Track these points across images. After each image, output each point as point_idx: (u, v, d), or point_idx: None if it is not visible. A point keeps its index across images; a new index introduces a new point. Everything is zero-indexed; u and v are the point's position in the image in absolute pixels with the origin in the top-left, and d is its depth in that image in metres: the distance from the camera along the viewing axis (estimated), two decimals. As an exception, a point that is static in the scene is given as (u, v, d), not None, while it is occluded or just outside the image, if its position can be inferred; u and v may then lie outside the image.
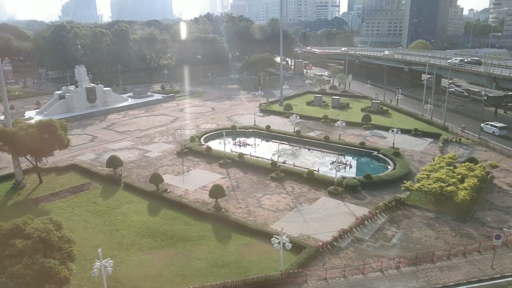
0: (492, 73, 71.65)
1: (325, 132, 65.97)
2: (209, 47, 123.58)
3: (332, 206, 40.07)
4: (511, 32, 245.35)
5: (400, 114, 78.49)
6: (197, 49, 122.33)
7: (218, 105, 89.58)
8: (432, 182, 40.44)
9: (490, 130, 64.20)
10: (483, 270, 29.89)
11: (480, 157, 53.60)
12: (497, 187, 44.55)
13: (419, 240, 33.93)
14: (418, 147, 57.92)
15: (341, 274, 29.41)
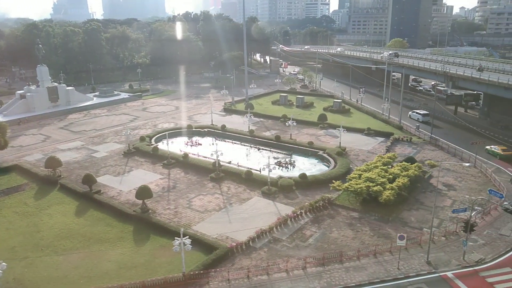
0: (448, 72, 71.82)
1: (281, 132, 66.02)
2: (184, 46, 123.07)
3: (261, 206, 40.08)
4: (494, 30, 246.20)
5: (360, 113, 78.65)
6: (172, 48, 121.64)
7: (184, 104, 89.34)
8: (362, 182, 40.60)
9: (415, 117, 71.24)
10: (389, 271, 30.02)
11: (425, 156, 53.95)
12: (432, 186, 44.71)
13: (335, 240, 34.00)
14: (366, 147, 58.05)
15: (245, 275, 29.40)
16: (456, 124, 69.77)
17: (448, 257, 31.61)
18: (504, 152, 52.70)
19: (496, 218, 37.40)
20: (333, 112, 79.11)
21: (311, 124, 69.57)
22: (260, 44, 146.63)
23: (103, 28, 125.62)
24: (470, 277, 29.34)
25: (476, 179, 46.42)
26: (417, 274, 29.63)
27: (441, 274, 29.64)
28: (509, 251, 32.38)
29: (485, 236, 34.52)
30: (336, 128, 66.94)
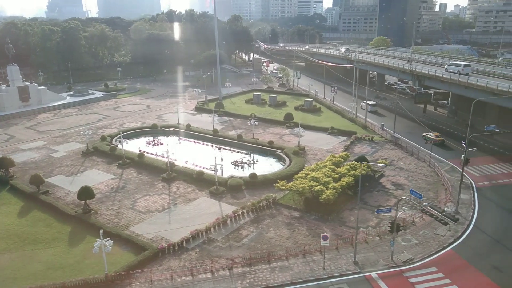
0: (414, 71, 71.88)
1: (247, 131, 66.06)
2: (165, 44, 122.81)
3: (205, 207, 40.11)
4: (483, 28, 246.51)
5: (331, 112, 78.71)
6: (152, 47, 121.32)
7: (157, 103, 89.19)
8: (307, 182, 40.66)
9: (364, 107, 74.09)
10: (314, 271, 30.11)
11: (382, 155, 54.12)
12: (381, 185, 44.87)
13: (269, 240, 34.08)
14: (326, 146, 58.13)
15: (169, 276, 29.43)
16: (424, 122, 69.90)
17: (377, 257, 31.73)
18: (437, 138, 57.81)
19: (436, 217, 37.51)
20: (304, 111, 79.20)
21: (278, 123, 69.63)
22: (243, 43, 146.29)
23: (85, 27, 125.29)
24: (394, 277, 29.46)
25: (427, 178, 46.60)
26: (341, 274, 29.74)
27: (365, 274, 29.76)
28: (440, 251, 32.52)
29: (420, 236, 34.67)
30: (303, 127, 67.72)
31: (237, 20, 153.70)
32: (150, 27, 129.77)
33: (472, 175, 47.68)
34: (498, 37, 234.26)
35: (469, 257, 31.62)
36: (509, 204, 40.22)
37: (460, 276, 29.42)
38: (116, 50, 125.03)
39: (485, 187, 44.37)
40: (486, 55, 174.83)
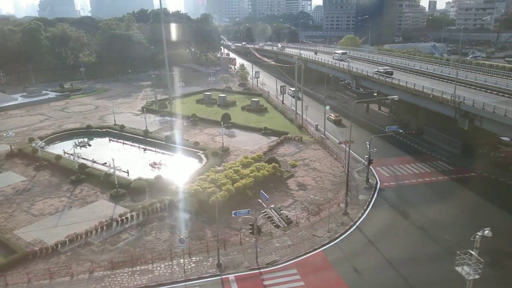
0: (351, 71, 72.02)
1: (184, 131, 66.32)
2: (130, 44, 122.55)
3: (99, 210, 40.19)
4: (463, 26, 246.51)
5: (276, 112, 78.74)
6: (118, 47, 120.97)
7: (107, 103, 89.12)
8: (207, 183, 40.84)
9: (289, 93, 78.87)
10: (174, 274, 30.30)
11: (302, 156, 54.38)
12: (285, 186, 45.05)
13: (145, 244, 34.23)
14: (253, 146, 58.21)
15: (27, 280, 29.54)
16: (361, 121, 70.32)
17: (244, 259, 31.94)
18: (335, 118, 68.36)
19: (323, 218, 37.77)
20: (249, 111, 79.37)
21: (216, 124, 69.56)
22: (211, 42, 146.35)
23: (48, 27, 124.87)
24: (249, 279, 29.68)
25: (335, 179, 46.78)
26: (199, 277, 29.93)
27: (223, 277, 29.95)
28: (309, 252, 32.71)
29: (297, 237, 34.82)
30: (238, 127, 68.08)
31: (206, 19, 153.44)
32: (116, 27, 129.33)
33: (382, 175, 47.97)
34: (478, 34, 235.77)
35: (335, 259, 31.84)
36: (403, 205, 40.45)
37: (316, 278, 29.68)
38: (80, 50, 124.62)
39: (389, 188, 44.63)
40: (457, 53, 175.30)
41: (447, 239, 34.06)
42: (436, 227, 36.06)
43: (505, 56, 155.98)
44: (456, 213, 38.58)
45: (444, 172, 48.05)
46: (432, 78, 64.38)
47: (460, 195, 42.53)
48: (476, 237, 22.53)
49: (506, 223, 36.40)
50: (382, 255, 32.08)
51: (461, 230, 35.41)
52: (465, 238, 33.63)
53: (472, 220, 36.84)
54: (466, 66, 67.56)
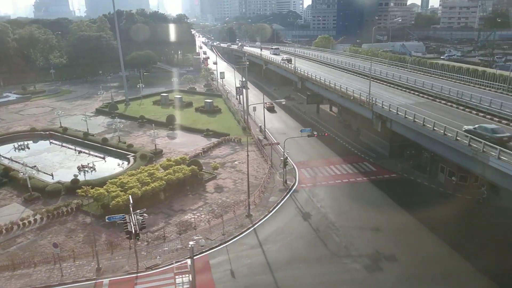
0: (297, 72, 72.10)
1: (127, 133, 66.62)
2: (99, 45, 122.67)
3: (6, 214, 40.35)
4: (447, 24, 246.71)
5: (228, 113, 78.86)
6: (89, 48, 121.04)
7: (65, 105, 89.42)
8: (114, 187, 41.00)
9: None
10: (52, 277, 30.46)
11: (234, 158, 54.65)
12: (202, 189, 45.20)
13: (36, 248, 34.39)
14: (190, 148, 58.40)
15: None
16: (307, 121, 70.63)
17: (127, 263, 32.09)
18: (268, 105, 72.77)
19: (224, 221, 37.88)
20: (202, 112, 79.58)
21: (162, 125, 69.84)
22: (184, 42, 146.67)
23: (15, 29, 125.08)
24: (123, 284, 29.81)
25: (256, 181, 46.86)
26: (74, 281, 30.09)
27: (98, 281, 30.11)
28: (194, 256, 32.75)
29: (190, 241, 34.87)
30: (185, 129, 68.28)
31: (181, 19, 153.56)
32: (87, 28, 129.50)
33: (304, 176, 48.13)
34: (461, 33, 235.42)
35: (217, 263, 32.01)
36: (308, 207, 40.49)
37: (189, 282, 29.83)
38: (49, 52, 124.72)
39: (304, 189, 44.73)
40: (435, 51, 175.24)
41: (336, 241, 34.23)
42: (332, 229, 36.20)
43: (481, 54, 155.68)
44: (357, 215, 38.64)
45: (366, 173, 48.17)
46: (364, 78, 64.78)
47: (370, 196, 42.63)
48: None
49: (399, 224, 36.54)
50: (265, 258, 32.24)
51: (354, 232, 35.72)
52: (355, 241, 34.20)
53: (369, 223, 37.01)
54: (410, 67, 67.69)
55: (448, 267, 30.32)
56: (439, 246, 32.97)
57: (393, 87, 56.00)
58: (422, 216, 37.21)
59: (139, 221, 29.20)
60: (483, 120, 40.60)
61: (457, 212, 37.63)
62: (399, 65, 75.64)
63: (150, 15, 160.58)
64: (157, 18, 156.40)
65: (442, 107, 47.14)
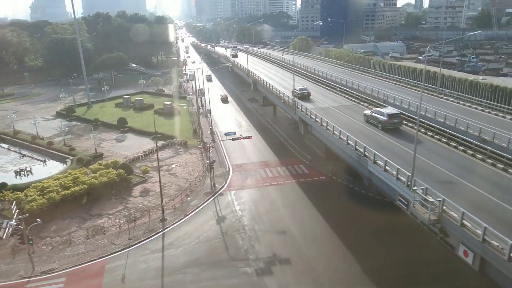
0: (250, 74, 72.10)
1: (78, 136, 66.92)
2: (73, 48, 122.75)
3: None
4: (434, 24, 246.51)
5: (187, 115, 78.91)
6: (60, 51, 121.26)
7: (28, 108, 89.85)
8: (36, 191, 41.14)
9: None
10: None
11: (173, 161, 54.77)
12: (127, 193, 45.24)
13: None
14: (133, 151, 58.49)
15: None
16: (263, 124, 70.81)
17: (23, 268, 32.16)
18: (222, 97, 77.93)
19: (137, 225, 38.00)
20: (161, 114, 79.49)
21: (115, 128, 70.01)
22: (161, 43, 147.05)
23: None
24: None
25: (185, 184, 46.91)
26: (-37, 286, 30.23)
27: (-13, 286, 30.25)
28: (92, 261, 32.86)
29: (94, 245, 34.94)
30: (135, 132, 68.41)
31: (161, 21, 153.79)
32: (62, 31, 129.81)
33: (236, 179, 48.14)
34: (448, 32, 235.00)
35: (113, 267, 31.94)
36: (226, 210, 40.53)
37: (79, 285, 29.94)
38: (23, 54, 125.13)
39: (229, 192, 44.70)
40: (416, 52, 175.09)
41: (239, 245, 34.26)
42: (240, 232, 36.20)
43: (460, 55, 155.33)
44: (270, 219, 38.54)
45: (297, 176, 48.15)
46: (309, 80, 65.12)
47: (291, 199, 42.57)
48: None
49: (307, 228, 36.54)
50: (162, 263, 32.29)
51: (260, 235, 35.76)
52: (258, 244, 34.23)
53: (279, 226, 37.06)
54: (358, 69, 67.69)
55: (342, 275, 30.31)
56: (340, 251, 32.92)
57: (332, 91, 55.99)
58: (334, 220, 37.23)
59: (13, 227, 29.22)
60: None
61: (371, 215, 37.45)
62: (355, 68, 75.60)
63: (130, 17, 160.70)
64: (137, 20, 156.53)
65: (360, 110, 47.16)
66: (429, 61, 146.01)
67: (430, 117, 38.32)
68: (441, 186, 25.45)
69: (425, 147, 33.30)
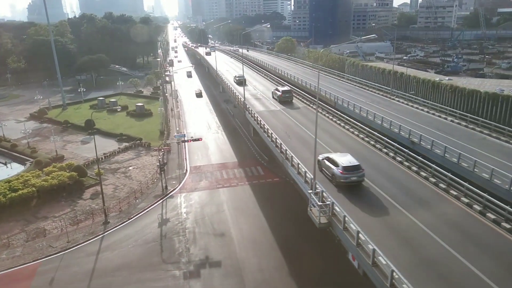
0: (218, 76, 72.22)
1: (45, 139, 66.81)
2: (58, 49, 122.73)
3: None
4: (424, 24, 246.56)
5: (158, 116, 78.83)
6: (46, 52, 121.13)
7: (4, 110, 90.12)
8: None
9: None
10: None
11: (132, 163, 54.81)
12: (78, 195, 45.26)
13: None
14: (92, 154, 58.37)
15: None
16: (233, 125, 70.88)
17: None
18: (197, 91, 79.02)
19: (79, 228, 38.07)
20: (132, 116, 79.70)
21: (81, 130, 70.11)
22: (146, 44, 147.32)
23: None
24: None
25: (137, 187, 46.94)
26: None
27: None
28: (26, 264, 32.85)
29: (31, 248, 34.97)
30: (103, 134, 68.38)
31: (146, 22, 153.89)
32: (45, 33, 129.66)
33: (190, 181, 48.21)
34: (438, 32, 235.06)
35: (45, 270, 31.97)
36: (172, 213, 40.57)
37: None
38: (6, 56, 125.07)
39: (180, 194, 44.77)
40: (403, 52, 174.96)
41: (174, 248, 34.30)
42: (179, 235, 36.25)
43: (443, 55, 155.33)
44: (213, 221, 38.61)
45: (252, 177, 48.21)
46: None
47: (240, 201, 42.56)
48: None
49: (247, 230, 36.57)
50: (94, 266, 32.33)
51: (199, 238, 35.82)
52: (193, 247, 34.29)
53: (219, 228, 37.13)
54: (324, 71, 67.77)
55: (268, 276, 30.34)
56: (273, 253, 32.96)
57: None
58: (275, 222, 37.35)
59: None
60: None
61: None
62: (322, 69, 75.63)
63: (117, 18, 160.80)
64: (124, 22, 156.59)
65: (310, 113, 47.41)
66: (413, 61, 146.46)
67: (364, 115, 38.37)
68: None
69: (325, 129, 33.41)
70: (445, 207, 24.66)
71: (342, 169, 27.28)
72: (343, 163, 27.54)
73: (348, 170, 27.03)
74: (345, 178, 27.03)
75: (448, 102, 56.09)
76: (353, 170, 27.03)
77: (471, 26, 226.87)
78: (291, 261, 31.63)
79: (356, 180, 27.16)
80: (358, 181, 27.32)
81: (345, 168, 27.20)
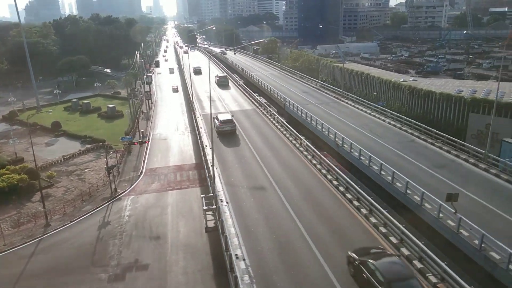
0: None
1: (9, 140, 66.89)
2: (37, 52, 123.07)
3: None
4: (414, 24, 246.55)
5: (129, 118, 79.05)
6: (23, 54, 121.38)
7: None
8: None
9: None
10: None
11: (89, 165, 54.94)
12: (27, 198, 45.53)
13: None
14: (57, 155, 58.66)
15: None
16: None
17: None
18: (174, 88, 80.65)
19: (21, 230, 38.21)
20: (103, 117, 79.91)
21: (49, 131, 70.27)
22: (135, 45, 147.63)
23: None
24: None
25: (88, 189, 47.05)
26: None
27: None
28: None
29: (-34, 252, 35.24)
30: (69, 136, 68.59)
31: (131, 23, 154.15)
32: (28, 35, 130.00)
33: (142, 184, 48.26)
34: (429, 32, 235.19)
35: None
36: (115, 217, 40.48)
37: None
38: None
39: (129, 197, 44.74)
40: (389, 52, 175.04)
41: (107, 251, 34.36)
42: (116, 238, 36.24)
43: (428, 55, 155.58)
44: (152, 224, 38.64)
45: (204, 180, 48.09)
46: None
47: (185, 204, 42.64)
48: None
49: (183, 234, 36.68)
50: (24, 268, 32.42)
51: (134, 241, 35.88)
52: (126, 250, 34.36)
53: (158, 231, 37.20)
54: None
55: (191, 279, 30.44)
56: (203, 255, 33.03)
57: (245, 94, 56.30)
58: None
59: None
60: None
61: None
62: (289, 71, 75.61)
63: (103, 20, 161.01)
64: (110, 23, 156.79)
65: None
66: (397, 62, 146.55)
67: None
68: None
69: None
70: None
71: (220, 122, 42.44)
72: (221, 118, 42.89)
73: (224, 122, 42.49)
74: (222, 128, 42.29)
75: (407, 103, 56.24)
76: (227, 123, 42.46)
77: (461, 26, 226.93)
78: (219, 264, 31.64)
79: (229, 129, 42.49)
80: (230, 131, 42.56)
81: (221, 121, 42.55)
